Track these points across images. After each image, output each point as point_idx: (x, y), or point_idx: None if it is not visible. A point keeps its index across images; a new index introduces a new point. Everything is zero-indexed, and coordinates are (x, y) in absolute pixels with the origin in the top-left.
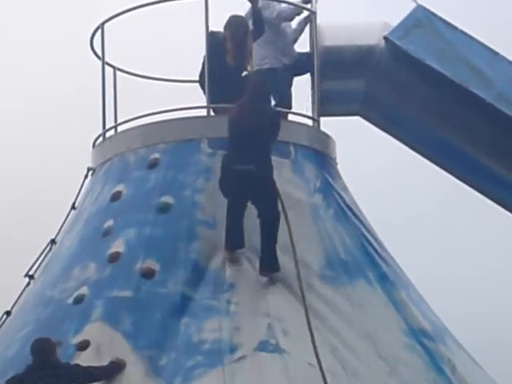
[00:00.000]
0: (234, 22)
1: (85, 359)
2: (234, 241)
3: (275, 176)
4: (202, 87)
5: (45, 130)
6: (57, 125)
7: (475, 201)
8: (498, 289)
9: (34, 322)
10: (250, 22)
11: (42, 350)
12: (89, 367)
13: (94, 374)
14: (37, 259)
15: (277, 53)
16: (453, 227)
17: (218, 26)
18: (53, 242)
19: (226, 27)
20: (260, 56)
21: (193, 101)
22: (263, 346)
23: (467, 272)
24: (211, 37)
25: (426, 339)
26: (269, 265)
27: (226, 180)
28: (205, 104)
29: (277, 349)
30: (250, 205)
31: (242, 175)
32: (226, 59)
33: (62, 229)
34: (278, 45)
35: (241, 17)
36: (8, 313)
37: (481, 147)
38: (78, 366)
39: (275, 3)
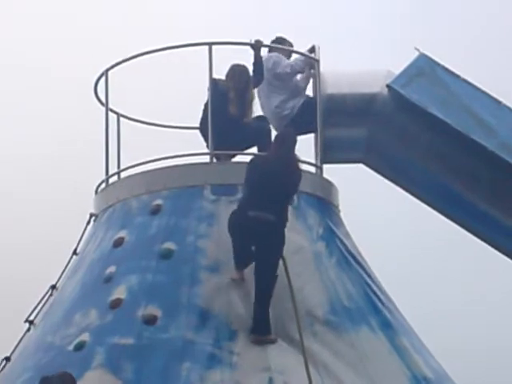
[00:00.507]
0: (237, 72)
1: None
2: (244, 259)
3: None
4: (203, 135)
5: (48, 175)
6: (60, 171)
7: (477, 247)
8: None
9: (33, 368)
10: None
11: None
12: None
13: None
14: (37, 305)
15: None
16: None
17: (219, 72)
18: (53, 287)
19: (228, 76)
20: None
21: (195, 147)
22: None
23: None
24: (213, 84)
25: None
26: (261, 328)
27: (238, 225)
28: (206, 151)
29: None
30: None
31: (259, 223)
32: (229, 108)
33: (63, 275)
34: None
35: (243, 66)
36: (8, 359)
37: (483, 195)
38: None
39: (285, 59)
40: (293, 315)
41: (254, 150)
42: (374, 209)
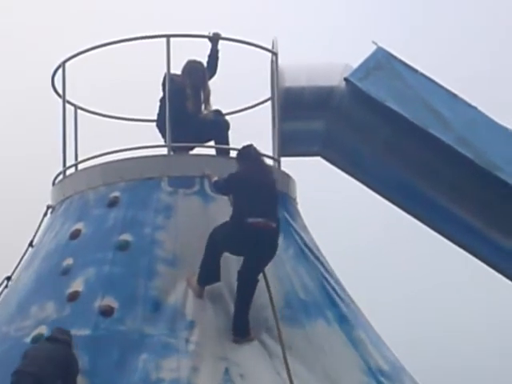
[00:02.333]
0: (193, 69)
1: None
2: (210, 276)
3: None
4: (160, 130)
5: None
6: (16, 162)
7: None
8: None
9: None
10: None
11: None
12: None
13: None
14: None
15: None
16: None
17: (178, 65)
18: (8, 279)
19: (184, 72)
20: None
21: (153, 140)
22: None
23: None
24: (171, 82)
25: (384, 379)
26: (241, 331)
27: (232, 233)
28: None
29: None
30: None
31: (264, 229)
32: (186, 104)
33: (19, 266)
34: None
35: (199, 62)
36: None
37: (441, 189)
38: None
39: None
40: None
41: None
42: (331, 202)
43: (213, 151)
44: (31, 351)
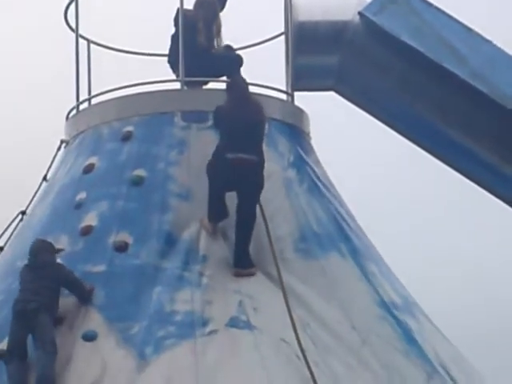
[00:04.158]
0: (205, 2)
1: (58, 334)
2: (218, 213)
3: None
4: (172, 66)
5: (18, 101)
6: (30, 96)
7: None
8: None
9: (3, 292)
10: None
11: (39, 248)
12: (78, 281)
13: (81, 287)
14: (5, 230)
15: None
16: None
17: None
18: (23, 213)
19: (196, 6)
20: None
21: (166, 74)
22: (234, 322)
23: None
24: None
25: (397, 311)
26: (242, 262)
27: (217, 168)
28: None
29: (247, 325)
30: None
31: (242, 164)
32: (197, 38)
33: (33, 201)
34: None
35: None
36: None
37: (455, 123)
38: (70, 273)
39: None
40: (266, 245)
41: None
42: (344, 136)
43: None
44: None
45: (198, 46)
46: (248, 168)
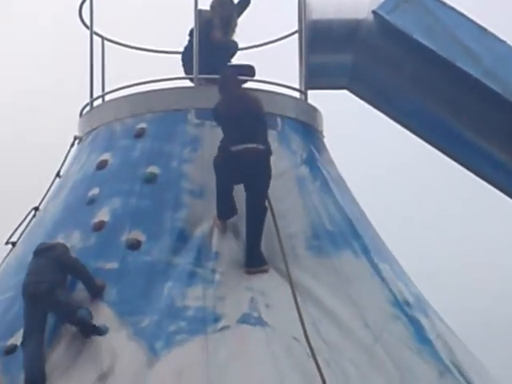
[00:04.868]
0: (222, 1)
1: (69, 329)
2: (227, 210)
3: None
4: (183, 63)
5: (32, 98)
6: (44, 93)
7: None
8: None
9: (15, 288)
10: None
11: (45, 247)
12: (88, 276)
13: (87, 275)
14: (18, 226)
15: None
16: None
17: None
18: (36, 209)
19: (213, 7)
20: None
21: (180, 72)
22: (246, 319)
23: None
24: (199, 15)
25: (409, 309)
26: (254, 260)
27: (223, 162)
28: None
29: (259, 322)
30: None
31: (248, 154)
32: (212, 34)
33: (46, 197)
34: None
35: None
36: None
37: (467, 122)
38: (76, 259)
39: None
40: (275, 244)
41: None
42: (357, 135)
43: None
44: (33, 268)
45: (213, 43)
46: (254, 156)
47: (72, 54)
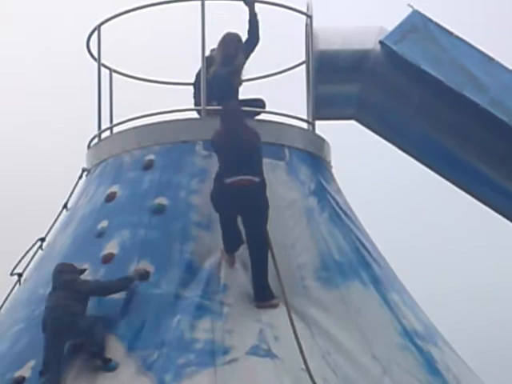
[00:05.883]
0: (227, 38)
1: (80, 362)
2: (232, 243)
3: (270, 178)
4: (194, 96)
5: (40, 130)
6: (52, 125)
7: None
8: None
9: (25, 320)
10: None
11: (61, 271)
12: (106, 282)
13: (111, 287)
14: (23, 257)
15: None
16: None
17: (212, 30)
18: (42, 240)
19: (219, 43)
20: None
21: (188, 103)
22: (255, 351)
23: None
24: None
25: (419, 340)
26: (263, 295)
27: (218, 195)
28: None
29: (268, 354)
30: None
31: (241, 185)
32: (214, 67)
33: (53, 229)
34: None
35: (234, 34)
36: None
37: (475, 151)
38: (96, 281)
39: None
40: (283, 275)
41: None
42: (365, 166)
43: None
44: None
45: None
46: (248, 188)
47: (80, 86)
